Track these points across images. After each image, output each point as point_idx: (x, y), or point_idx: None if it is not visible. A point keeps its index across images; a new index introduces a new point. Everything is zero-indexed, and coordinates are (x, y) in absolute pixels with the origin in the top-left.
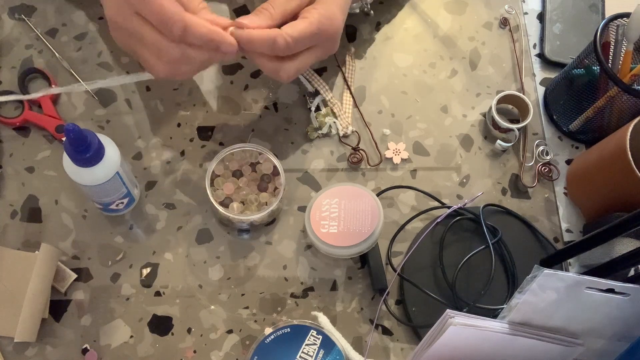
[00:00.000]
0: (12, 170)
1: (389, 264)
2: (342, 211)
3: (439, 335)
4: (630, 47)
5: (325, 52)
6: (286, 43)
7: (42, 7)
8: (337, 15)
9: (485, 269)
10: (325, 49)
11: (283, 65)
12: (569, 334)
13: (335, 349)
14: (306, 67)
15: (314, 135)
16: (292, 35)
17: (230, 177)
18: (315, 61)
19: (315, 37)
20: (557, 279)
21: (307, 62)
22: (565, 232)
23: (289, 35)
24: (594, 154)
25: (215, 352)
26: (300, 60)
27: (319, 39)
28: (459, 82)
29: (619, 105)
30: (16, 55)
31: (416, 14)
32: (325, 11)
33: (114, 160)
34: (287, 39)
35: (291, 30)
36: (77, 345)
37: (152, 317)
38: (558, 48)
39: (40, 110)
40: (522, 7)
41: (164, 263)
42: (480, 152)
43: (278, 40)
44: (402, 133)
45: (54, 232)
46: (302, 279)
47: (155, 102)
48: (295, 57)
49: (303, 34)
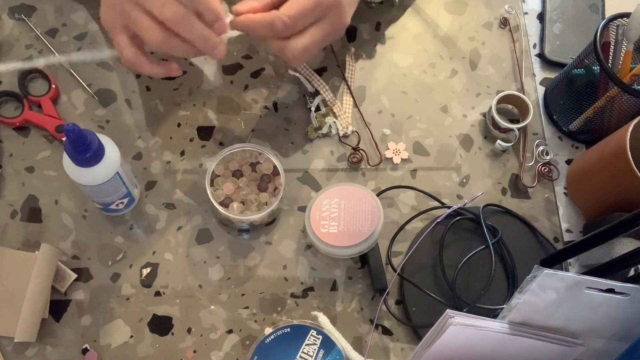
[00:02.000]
0: (12, 170)
1: (389, 264)
2: (342, 211)
3: (439, 335)
4: (630, 47)
5: (334, 25)
6: (284, 24)
7: (42, 7)
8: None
9: (485, 269)
10: (332, 22)
11: (288, 44)
12: (569, 334)
13: (335, 349)
14: (315, 44)
15: (314, 135)
16: (290, 15)
17: (230, 177)
18: (325, 36)
19: (317, 10)
20: (557, 279)
21: (314, 38)
22: (565, 232)
23: (286, 15)
24: (594, 154)
25: (215, 352)
26: (306, 37)
27: (321, 11)
28: (459, 82)
29: (619, 105)
30: (16, 55)
31: (416, 13)
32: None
33: (114, 160)
34: (284, 20)
35: (288, 9)
36: (77, 345)
37: (152, 317)
38: (558, 48)
39: (40, 110)
40: (522, 7)
41: (164, 263)
42: (480, 152)
43: (275, 22)
44: (402, 133)
45: (54, 232)
46: (302, 279)
47: (155, 102)
48: (301, 34)
49: (301, 11)
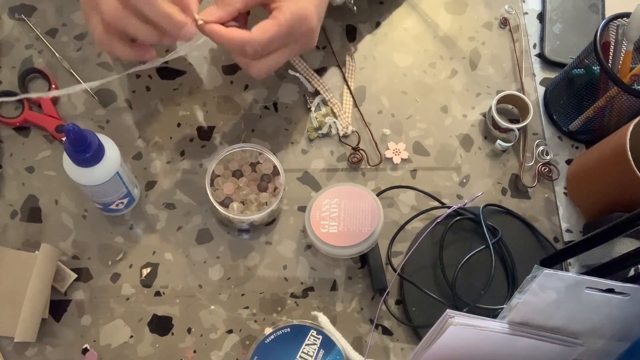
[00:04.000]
0: (12, 170)
1: (389, 264)
2: (342, 211)
3: (439, 335)
4: (630, 47)
5: (302, 47)
6: (254, 50)
7: (42, 7)
8: (311, 11)
9: (485, 269)
10: (302, 46)
11: (254, 63)
12: (569, 334)
13: (335, 349)
14: (279, 65)
15: (314, 135)
16: (262, 42)
17: (230, 177)
18: (291, 57)
19: (287, 38)
20: (557, 279)
21: (280, 60)
22: (565, 232)
23: (258, 43)
24: (594, 154)
25: (215, 352)
26: (272, 58)
27: (290, 39)
28: (459, 82)
29: (619, 105)
30: (16, 55)
31: (416, 13)
32: (297, 9)
33: (114, 160)
34: (255, 47)
35: (260, 35)
36: (77, 345)
37: (152, 317)
38: (558, 48)
39: (40, 110)
40: (522, 7)
41: (164, 263)
42: (480, 152)
43: (247, 47)
44: (402, 133)
45: (54, 232)
46: (302, 279)
47: (155, 102)
48: (268, 55)
49: (273, 38)
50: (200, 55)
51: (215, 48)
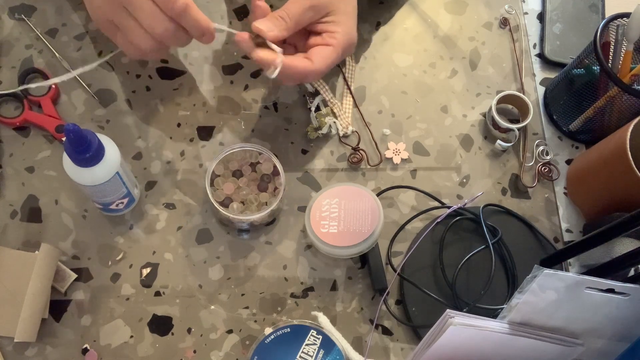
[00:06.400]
0: (12, 170)
1: (389, 264)
2: (342, 211)
3: (439, 335)
4: (630, 47)
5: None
6: (315, 77)
7: (42, 7)
8: (355, 29)
9: (485, 269)
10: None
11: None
12: (569, 334)
13: (335, 349)
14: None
15: (314, 135)
16: (324, 71)
17: (230, 177)
18: None
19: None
20: (557, 279)
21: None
22: (565, 232)
23: (320, 72)
24: (594, 154)
25: (215, 352)
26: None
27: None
28: (459, 82)
29: (619, 105)
30: (16, 55)
31: (416, 14)
32: (348, 31)
33: (114, 160)
34: (317, 76)
35: (322, 65)
36: (77, 345)
37: (152, 317)
38: (558, 48)
39: (40, 110)
40: (522, 7)
41: (164, 263)
42: (480, 152)
43: (309, 77)
44: (402, 133)
45: (54, 232)
46: (302, 279)
47: (155, 102)
48: None
49: (332, 65)
50: (200, 55)
51: (219, 49)
